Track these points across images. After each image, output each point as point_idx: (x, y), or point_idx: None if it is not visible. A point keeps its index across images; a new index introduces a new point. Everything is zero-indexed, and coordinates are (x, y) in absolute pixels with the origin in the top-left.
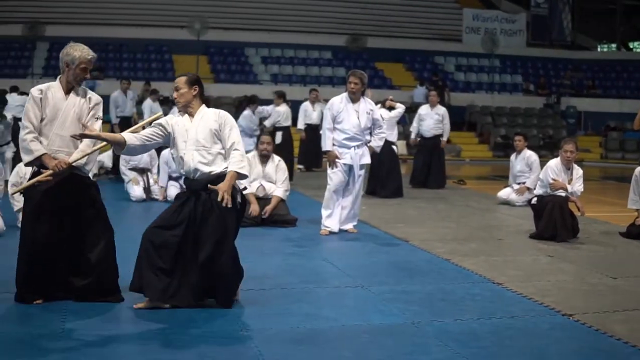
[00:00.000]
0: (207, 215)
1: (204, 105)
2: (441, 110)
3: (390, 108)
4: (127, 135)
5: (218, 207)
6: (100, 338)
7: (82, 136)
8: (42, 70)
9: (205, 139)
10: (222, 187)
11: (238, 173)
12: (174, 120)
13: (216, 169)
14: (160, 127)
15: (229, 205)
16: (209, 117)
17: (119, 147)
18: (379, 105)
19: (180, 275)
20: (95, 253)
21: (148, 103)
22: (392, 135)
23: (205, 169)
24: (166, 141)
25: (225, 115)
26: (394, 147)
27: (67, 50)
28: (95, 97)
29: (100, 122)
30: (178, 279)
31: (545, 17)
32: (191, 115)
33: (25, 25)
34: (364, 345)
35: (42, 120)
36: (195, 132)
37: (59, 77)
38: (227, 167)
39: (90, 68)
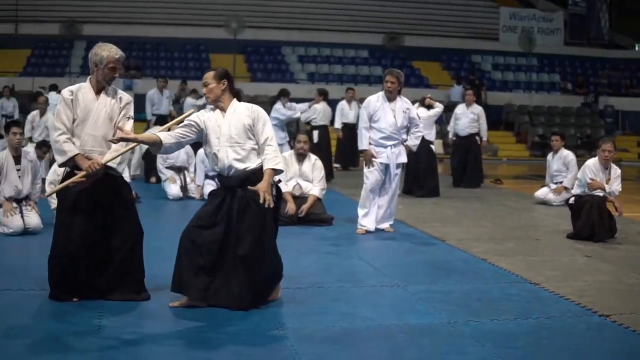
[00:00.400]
0: (244, 211)
1: (235, 100)
2: (477, 109)
3: (429, 107)
4: (162, 135)
5: (255, 203)
6: (136, 336)
7: (120, 140)
8: (80, 69)
9: (239, 134)
10: (262, 188)
11: (275, 170)
12: (206, 116)
13: (250, 165)
14: (193, 124)
15: (272, 206)
16: (241, 111)
17: (156, 147)
18: (417, 105)
19: (221, 275)
20: (121, 253)
21: (189, 102)
22: (430, 135)
23: (240, 166)
24: (199, 137)
25: (257, 110)
26: (431, 146)
27: (95, 51)
28: (125, 97)
29: (131, 121)
30: (220, 278)
31: (582, 16)
32: (223, 110)
33: (62, 25)
34: (400, 344)
35: (73, 121)
36: (228, 128)
37: (89, 78)
38: (260, 163)
39: (119, 67)
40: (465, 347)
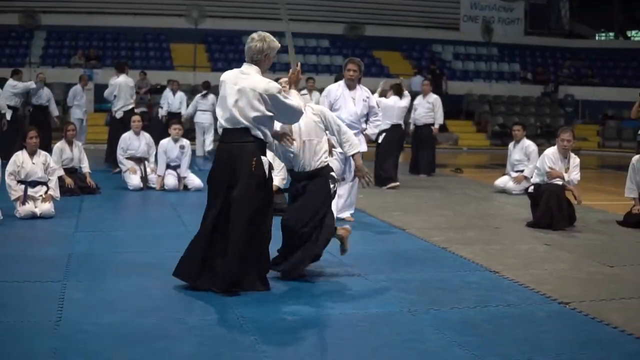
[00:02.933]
0: None
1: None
2: (432, 98)
3: (399, 93)
4: None
5: None
6: (98, 329)
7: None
8: (40, 59)
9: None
10: None
11: None
12: None
13: None
14: None
15: None
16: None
17: None
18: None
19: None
20: None
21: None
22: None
23: None
24: None
25: None
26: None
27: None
28: None
29: None
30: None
31: (543, 6)
32: None
33: (21, 14)
34: (361, 333)
35: None
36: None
37: None
38: None
39: None
40: (425, 335)
